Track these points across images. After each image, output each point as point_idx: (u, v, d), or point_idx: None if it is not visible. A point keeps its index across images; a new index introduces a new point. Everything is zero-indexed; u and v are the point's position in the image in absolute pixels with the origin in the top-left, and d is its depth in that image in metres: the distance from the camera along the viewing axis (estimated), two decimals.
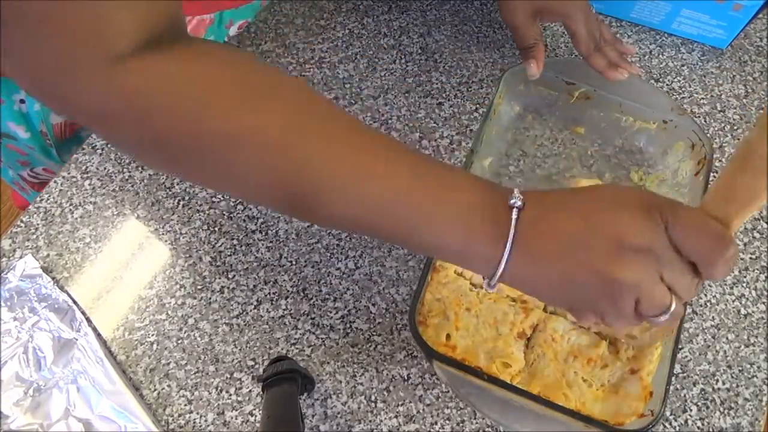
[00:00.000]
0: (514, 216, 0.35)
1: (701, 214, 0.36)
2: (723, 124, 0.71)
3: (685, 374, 0.55)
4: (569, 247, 0.34)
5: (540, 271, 0.35)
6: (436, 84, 0.71)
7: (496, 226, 0.35)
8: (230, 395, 0.53)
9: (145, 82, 0.33)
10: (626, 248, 0.33)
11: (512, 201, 0.36)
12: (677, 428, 0.53)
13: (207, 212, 0.61)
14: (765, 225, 0.64)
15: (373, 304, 0.57)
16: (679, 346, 0.56)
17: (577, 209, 0.35)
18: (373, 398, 0.53)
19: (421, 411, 0.53)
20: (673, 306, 0.34)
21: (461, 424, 0.52)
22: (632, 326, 0.39)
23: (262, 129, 0.34)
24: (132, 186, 0.62)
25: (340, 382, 0.53)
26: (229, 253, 0.59)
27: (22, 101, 0.62)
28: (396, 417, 0.52)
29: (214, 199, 0.62)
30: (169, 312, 0.56)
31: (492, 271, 0.36)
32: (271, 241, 0.60)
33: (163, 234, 0.60)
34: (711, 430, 0.53)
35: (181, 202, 0.61)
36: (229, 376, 0.53)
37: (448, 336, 0.51)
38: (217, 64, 0.36)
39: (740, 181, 0.36)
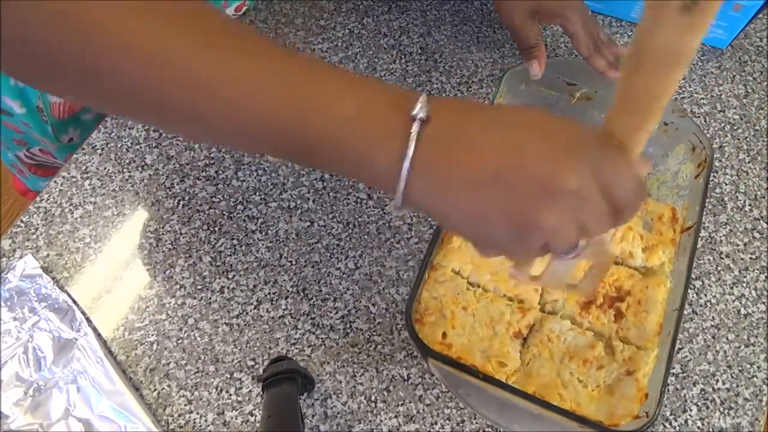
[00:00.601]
0: (414, 129, 0.31)
1: (627, 158, 0.34)
2: (723, 124, 0.71)
3: (684, 374, 0.56)
4: (487, 180, 0.31)
5: (448, 199, 0.32)
6: (436, 84, 0.71)
7: (394, 139, 0.31)
8: (230, 395, 0.53)
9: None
10: (551, 192, 0.31)
11: (414, 111, 0.31)
12: (677, 428, 0.53)
13: (207, 212, 0.61)
14: (765, 225, 0.64)
15: (373, 304, 0.57)
16: (679, 347, 0.57)
17: (498, 134, 0.32)
18: (373, 398, 0.53)
19: (421, 411, 0.53)
20: (581, 244, 0.33)
21: (461, 424, 0.52)
22: (532, 258, 0.37)
23: (133, 34, 0.30)
24: (132, 186, 0.62)
25: (340, 382, 0.53)
26: (229, 253, 0.59)
27: None
28: (396, 417, 0.52)
29: (214, 199, 0.62)
30: (169, 312, 0.56)
31: (392, 190, 0.32)
32: (271, 241, 0.60)
33: (163, 234, 0.60)
34: (711, 430, 0.53)
35: (181, 202, 0.61)
36: (229, 376, 0.53)
37: (444, 334, 0.51)
38: None
39: (636, 85, 0.33)
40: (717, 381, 0.55)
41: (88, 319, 0.55)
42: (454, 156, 0.31)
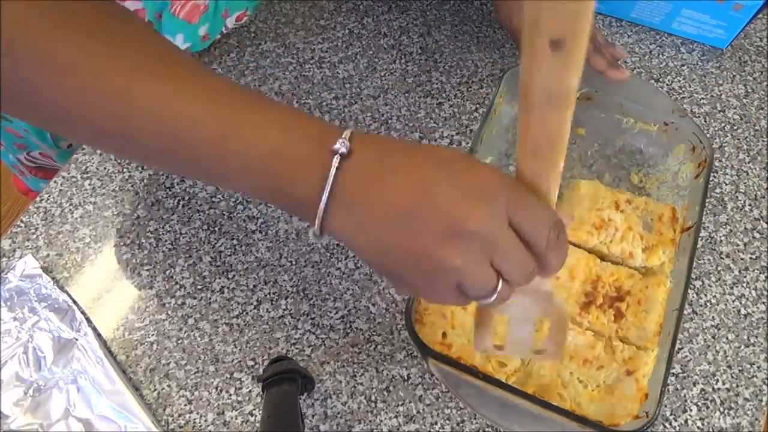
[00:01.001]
0: (334, 164, 0.31)
1: (541, 200, 0.34)
2: (723, 124, 0.71)
3: (685, 374, 0.56)
4: (397, 217, 0.31)
5: (362, 232, 0.32)
6: (436, 84, 0.71)
7: (314, 171, 0.32)
8: (230, 395, 0.53)
9: None
10: (458, 232, 0.31)
11: (336, 146, 0.32)
12: (677, 428, 0.53)
13: (207, 212, 0.61)
14: (765, 225, 0.64)
15: (373, 304, 0.57)
16: (679, 347, 0.57)
17: (413, 172, 0.32)
18: (373, 398, 0.53)
19: (421, 411, 0.53)
20: (499, 287, 0.33)
21: (461, 424, 0.52)
22: (456, 305, 0.37)
23: (60, 52, 0.31)
24: (132, 186, 0.62)
25: (340, 382, 0.53)
26: (229, 253, 0.59)
27: None
28: (396, 417, 0.52)
29: (214, 199, 0.62)
30: (169, 312, 0.56)
31: (311, 220, 0.33)
32: (271, 241, 0.60)
33: (163, 234, 0.60)
34: (711, 430, 0.53)
35: (181, 202, 0.61)
36: (229, 376, 0.53)
37: (444, 334, 0.51)
38: None
39: (530, 127, 0.32)
40: (717, 381, 0.55)
41: (88, 319, 0.55)
42: (370, 192, 0.32)
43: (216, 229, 0.60)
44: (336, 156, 0.32)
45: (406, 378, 0.54)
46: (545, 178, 0.35)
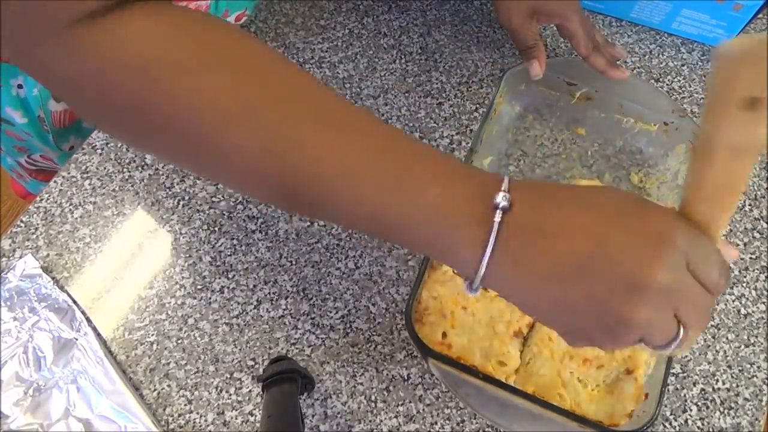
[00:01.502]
0: (496, 219, 0.31)
1: (712, 241, 0.33)
2: None
3: (685, 374, 0.56)
4: (571, 271, 0.30)
5: (530, 286, 0.31)
6: (436, 84, 0.71)
7: (477, 226, 0.31)
8: (230, 395, 0.53)
9: (102, 41, 0.29)
10: (642, 287, 0.29)
11: (497, 200, 0.31)
12: (677, 428, 0.53)
13: (207, 212, 0.61)
14: (765, 225, 0.64)
15: (373, 304, 0.57)
16: None
17: (585, 224, 0.30)
18: (373, 398, 0.53)
19: (421, 411, 0.53)
20: (680, 335, 0.31)
21: (461, 424, 0.52)
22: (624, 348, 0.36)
23: (223, 98, 0.31)
24: (132, 186, 0.62)
25: (340, 382, 0.53)
26: (229, 253, 0.59)
27: (20, 86, 0.62)
28: (396, 417, 0.52)
29: (214, 199, 0.62)
30: (169, 312, 0.56)
31: (472, 276, 0.32)
32: (271, 241, 0.60)
33: (163, 234, 0.60)
34: (711, 429, 0.53)
35: (181, 202, 0.61)
36: (229, 376, 0.53)
37: (444, 334, 0.51)
38: (186, 21, 0.31)
39: (709, 177, 0.32)
40: (717, 381, 0.55)
41: (88, 319, 0.55)
42: (537, 245, 0.31)
43: (216, 228, 0.60)
44: (498, 211, 0.31)
45: (406, 378, 0.54)
46: (716, 221, 0.34)
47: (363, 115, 0.34)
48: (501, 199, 0.31)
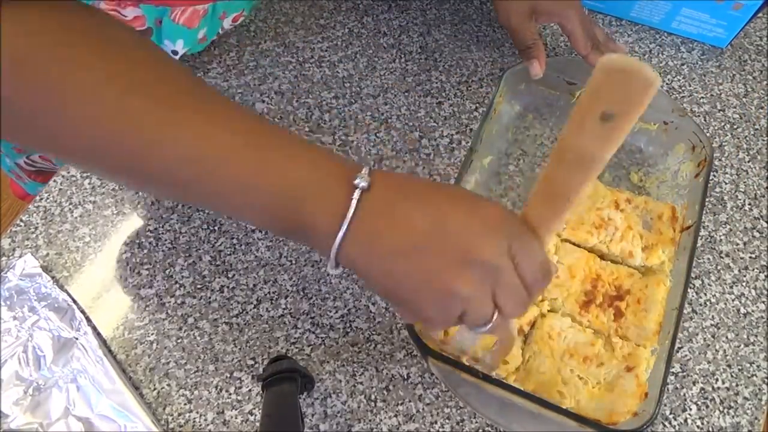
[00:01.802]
0: (355, 197, 0.33)
1: (540, 243, 0.36)
2: (723, 123, 0.71)
3: (684, 373, 0.56)
4: (415, 246, 0.33)
5: (377, 262, 0.34)
6: (436, 83, 0.71)
7: (336, 205, 0.34)
8: (230, 394, 0.53)
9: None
10: (470, 260, 0.33)
11: (357, 180, 0.34)
12: (677, 427, 0.53)
13: (206, 211, 0.61)
14: (765, 224, 0.64)
15: (373, 303, 0.57)
16: (678, 346, 0.57)
17: (427, 207, 0.34)
18: (372, 397, 0.53)
19: (420, 410, 0.53)
20: (494, 318, 0.35)
21: (461, 424, 0.52)
22: (445, 328, 0.40)
23: (93, 86, 0.32)
24: None
25: (340, 381, 0.54)
26: (228, 252, 0.59)
27: None
28: (396, 416, 0.52)
29: None
30: (169, 311, 0.56)
31: (327, 252, 0.34)
32: (270, 240, 0.60)
33: (162, 233, 0.60)
34: (710, 429, 0.53)
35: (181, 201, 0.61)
36: (228, 376, 0.53)
37: (446, 333, 0.51)
38: (64, 15, 0.32)
39: (554, 179, 0.35)
40: (717, 380, 0.55)
41: (87, 318, 0.55)
42: (385, 224, 0.34)
43: (216, 228, 0.60)
44: (357, 191, 0.33)
45: (405, 377, 0.54)
46: (546, 227, 0.37)
47: (231, 102, 0.36)
48: (360, 180, 0.34)
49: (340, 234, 0.33)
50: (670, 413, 0.54)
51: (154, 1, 0.54)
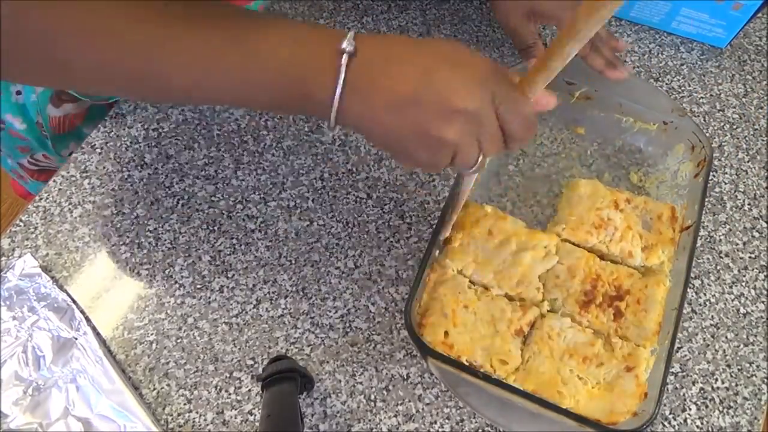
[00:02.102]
0: (343, 62, 0.36)
1: (525, 98, 0.39)
2: (722, 123, 0.71)
3: (684, 373, 0.56)
4: (402, 101, 0.36)
5: (373, 117, 0.37)
6: None
7: (326, 73, 0.36)
8: (230, 394, 0.53)
9: None
10: (454, 110, 0.36)
11: (343, 45, 0.36)
12: (676, 427, 0.53)
13: (206, 211, 0.61)
14: (764, 224, 0.64)
15: (373, 304, 0.57)
16: (678, 346, 0.57)
17: (415, 63, 0.36)
18: (372, 397, 0.53)
19: (420, 410, 0.53)
20: (479, 160, 0.39)
21: (460, 424, 0.52)
22: (438, 171, 0.42)
23: (84, 18, 0.35)
24: (131, 185, 0.62)
25: (340, 381, 0.53)
26: (228, 253, 0.59)
27: (18, 92, 0.62)
28: (395, 416, 0.52)
29: (213, 198, 0.62)
30: (169, 311, 0.56)
31: (327, 115, 0.37)
32: (270, 241, 0.60)
33: (162, 233, 0.60)
34: (710, 429, 0.53)
35: (181, 201, 0.61)
36: (228, 376, 0.53)
37: (446, 333, 0.51)
38: None
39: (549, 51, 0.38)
40: (716, 380, 0.55)
41: (87, 319, 0.55)
42: (377, 82, 0.36)
43: (215, 228, 0.60)
44: (344, 55, 0.36)
45: (405, 377, 0.54)
46: (532, 78, 0.39)
47: (213, 6, 0.38)
48: (346, 44, 0.36)
49: (336, 97, 0.36)
50: (670, 413, 0.54)
51: None
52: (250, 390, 0.53)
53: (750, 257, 0.62)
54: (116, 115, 0.66)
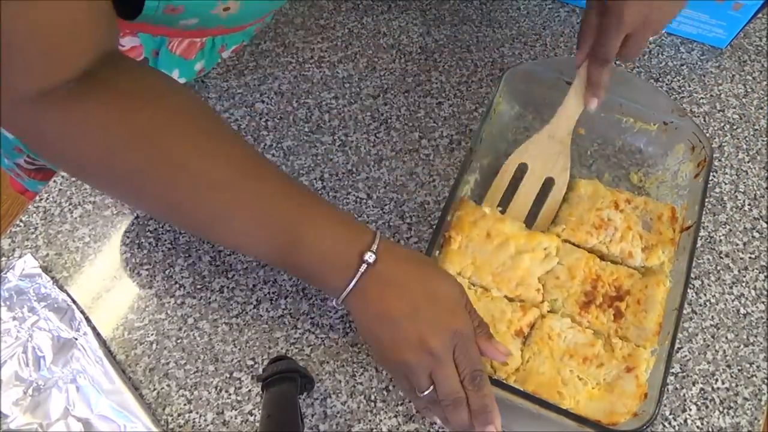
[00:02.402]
0: (361, 270, 0.43)
1: (478, 351, 0.46)
2: (722, 124, 0.71)
3: (684, 374, 0.56)
4: (389, 320, 0.44)
5: (366, 320, 0.45)
6: (436, 83, 0.71)
7: (347, 271, 0.44)
8: (230, 395, 0.53)
9: (55, 125, 0.40)
10: (423, 347, 0.43)
11: (366, 257, 0.43)
12: (676, 427, 0.53)
13: None
14: (764, 224, 0.64)
15: None
16: (678, 346, 0.57)
17: (412, 297, 0.44)
18: (372, 398, 0.53)
19: None
20: (428, 392, 0.44)
21: None
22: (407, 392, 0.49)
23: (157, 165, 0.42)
24: None
25: (340, 381, 0.54)
26: (228, 253, 0.59)
27: None
28: (395, 416, 0.52)
29: None
30: (169, 311, 0.56)
31: (333, 296, 0.45)
32: None
33: (162, 233, 0.60)
34: (710, 429, 0.53)
35: None
36: (228, 376, 0.53)
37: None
38: (130, 108, 0.41)
39: None
40: (716, 380, 0.55)
41: (87, 319, 0.55)
42: (377, 296, 0.44)
43: None
44: (364, 265, 0.43)
45: None
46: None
47: (278, 170, 0.47)
48: (368, 257, 0.43)
49: (344, 295, 0.44)
50: (670, 414, 0.54)
51: (151, 31, 0.54)
52: (250, 390, 0.53)
53: (750, 258, 0.62)
54: None
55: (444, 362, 0.44)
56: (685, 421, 0.54)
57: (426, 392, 0.44)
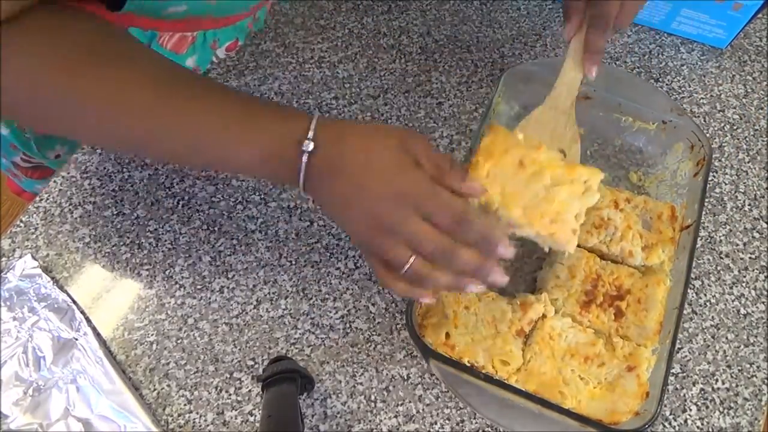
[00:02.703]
0: (304, 160, 0.42)
1: (447, 194, 0.43)
2: (722, 124, 0.71)
3: (684, 374, 0.56)
4: (341, 202, 0.43)
5: (325, 203, 0.45)
6: (436, 84, 0.71)
7: (290, 169, 0.43)
8: (230, 395, 0.53)
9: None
10: (377, 223, 0.42)
11: (304, 146, 0.42)
12: (677, 428, 0.53)
13: (207, 212, 0.61)
14: (764, 225, 0.64)
15: (373, 304, 0.57)
16: (678, 346, 0.57)
17: (353, 173, 0.42)
18: (372, 398, 0.53)
19: (420, 411, 0.53)
20: (411, 262, 0.42)
21: (461, 424, 0.52)
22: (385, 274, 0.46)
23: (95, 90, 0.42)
24: (131, 186, 0.62)
25: (340, 381, 0.53)
26: (228, 253, 0.59)
27: None
28: (396, 417, 0.52)
29: (213, 198, 0.62)
30: (169, 312, 0.56)
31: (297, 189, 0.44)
32: (270, 241, 0.60)
33: (162, 234, 0.60)
34: (710, 429, 0.53)
35: (181, 202, 0.61)
36: (228, 376, 0.53)
37: (447, 335, 0.51)
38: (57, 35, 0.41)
39: None
40: (716, 381, 0.55)
41: (87, 319, 0.55)
42: (328, 184, 0.43)
43: (216, 228, 0.60)
44: (305, 154, 0.42)
45: (405, 378, 0.54)
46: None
47: (208, 84, 0.46)
48: (306, 146, 0.42)
49: (300, 185, 0.43)
50: (670, 414, 0.54)
51: (142, 24, 0.54)
52: (250, 390, 0.53)
53: (750, 258, 0.62)
54: None
55: (409, 227, 0.41)
56: (686, 421, 0.53)
57: (408, 264, 0.42)
